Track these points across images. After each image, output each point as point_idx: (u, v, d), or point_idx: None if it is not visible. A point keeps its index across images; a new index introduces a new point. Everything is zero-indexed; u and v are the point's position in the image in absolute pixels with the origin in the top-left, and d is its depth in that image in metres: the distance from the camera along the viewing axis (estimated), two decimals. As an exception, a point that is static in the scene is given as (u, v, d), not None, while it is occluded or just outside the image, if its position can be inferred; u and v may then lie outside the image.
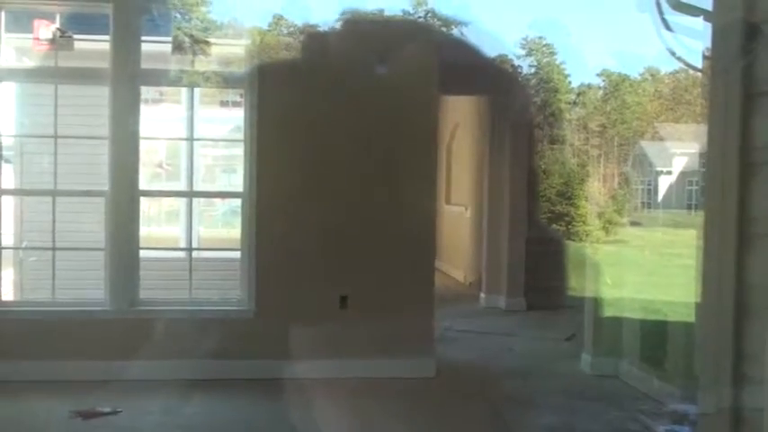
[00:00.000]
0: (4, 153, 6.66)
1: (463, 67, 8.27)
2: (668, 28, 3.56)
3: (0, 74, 6.20)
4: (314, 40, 6.50)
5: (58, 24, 6.63)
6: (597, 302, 6.90)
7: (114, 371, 6.10)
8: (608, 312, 6.85)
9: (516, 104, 9.93)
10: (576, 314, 7.57)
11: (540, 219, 10.03)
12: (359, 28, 6.72)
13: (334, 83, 6.39)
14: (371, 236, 6.50)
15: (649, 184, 23.60)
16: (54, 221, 6.36)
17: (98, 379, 6.05)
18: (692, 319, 5.60)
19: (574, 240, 11.10)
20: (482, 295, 10.37)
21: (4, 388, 5.82)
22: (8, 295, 7.66)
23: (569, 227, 12.38)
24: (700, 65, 5.41)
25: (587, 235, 12.54)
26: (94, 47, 6.86)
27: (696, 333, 4.89)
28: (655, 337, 6.34)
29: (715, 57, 3.02)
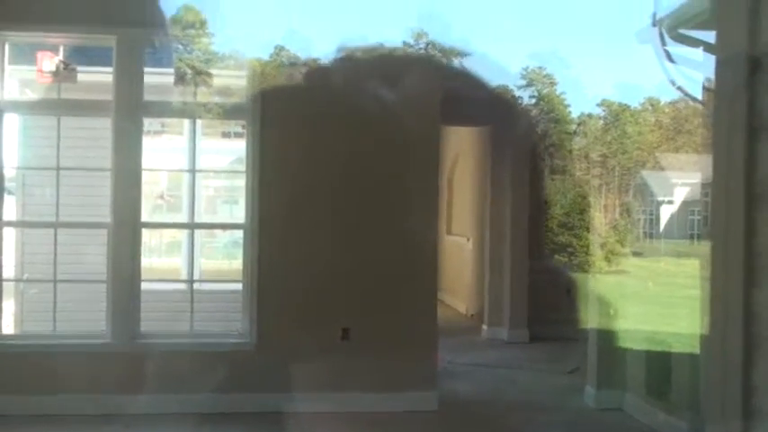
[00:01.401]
0: (6, 185, 6.67)
1: (465, 98, 8.30)
2: (670, 59, 3.58)
3: (3, 106, 6.21)
4: (316, 74, 6.52)
5: (61, 57, 6.67)
6: (601, 334, 6.84)
7: (115, 405, 6.05)
8: (612, 344, 6.80)
9: (517, 135, 9.95)
10: (579, 346, 7.51)
11: (543, 249, 9.99)
12: (361, 61, 6.75)
13: (335, 114, 6.41)
14: (373, 267, 6.47)
15: (651, 214, 23.59)
16: (55, 253, 6.34)
17: (99, 413, 6.00)
18: (697, 350, 5.56)
19: (576, 271, 11.04)
20: (484, 327, 10.31)
21: (5, 422, 5.76)
22: (8, 328, 7.61)
23: (571, 257, 12.34)
24: (699, 94, 5.44)
25: (590, 265, 12.50)
26: (97, 79, 6.88)
27: (702, 365, 4.85)
28: (660, 370, 6.28)
29: (718, 89, 3.02)
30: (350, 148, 6.45)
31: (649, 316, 9.14)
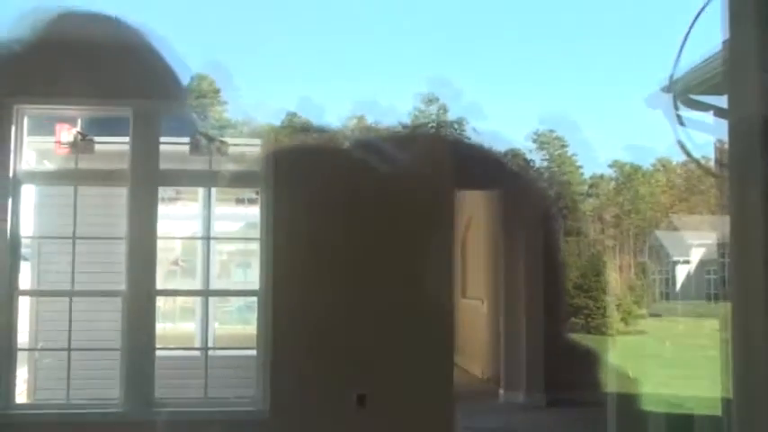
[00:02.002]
0: (23, 252, 6.72)
1: (477, 162, 8.36)
2: (682, 123, 3.60)
3: (21, 177, 6.30)
4: (330, 143, 6.61)
5: (79, 128, 6.78)
6: (620, 398, 6.75)
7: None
8: (631, 408, 6.69)
9: (530, 198, 9.98)
10: (598, 410, 7.39)
11: (559, 312, 9.93)
12: (374, 143, 6.82)
13: (349, 180, 6.46)
14: (389, 332, 6.43)
15: (667, 274, 23.40)
16: (70, 321, 6.34)
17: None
18: (718, 412, 5.46)
19: (593, 333, 10.93)
20: (501, 391, 10.18)
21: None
22: (22, 396, 7.58)
23: (588, 320, 12.23)
24: (711, 155, 5.45)
25: (607, 327, 12.36)
26: (114, 148, 6.99)
27: (725, 428, 4.75)
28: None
29: (732, 154, 3.03)
30: (364, 213, 6.48)
31: (669, 378, 9.02)
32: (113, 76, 6.33)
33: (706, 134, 4.69)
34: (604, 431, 6.95)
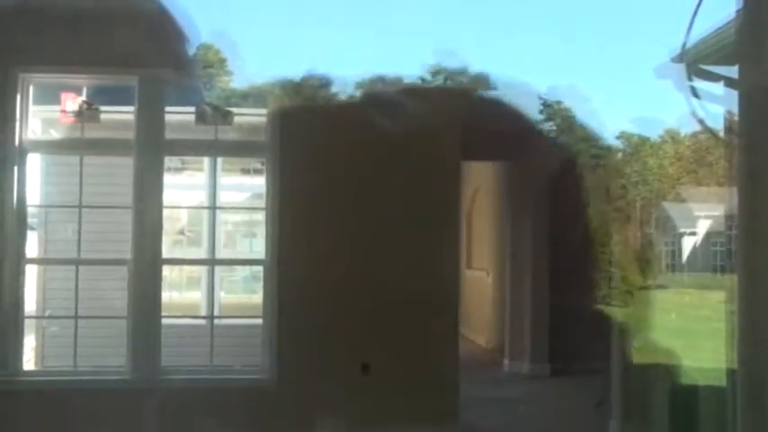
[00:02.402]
0: (29, 221, 6.73)
1: (487, 131, 8.31)
2: (696, 95, 3.56)
3: (28, 146, 6.29)
4: (335, 108, 6.56)
5: (84, 97, 6.76)
6: (625, 368, 6.76)
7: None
8: (636, 378, 6.71)
9: (538, 169, 9.93)
10: (602, 380, 7.42)
11: (564, 283, 9.92)
12: (385, 96, 6.76)
13: (354, 150, 6.44)
14: (394, 301, 6.45)
15: (673, 246, 23.32)
16: (77, 289, 6.38)
17: (118, 450, 5.99)
18: (722, 383, 5.47)
19: (598, 304, 10.92)
20: (505, 361, 10.22)
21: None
22: (29, 364, 7.64)
23: (593, 291, 12.22)
24: (720, 126, 5.42)
25: (612, 298, 12.37)
26: (120, 117, 6.97)
27: (729, 400, 4.77)
28: (685, 404, 6.18)
29: (742, 125, 3.01)
30: (369, 183, 6.47)
31: (675, 349, 9.02)
32: (119, 44, 6.28)
33: (716, 105, 4.67)
34: (609, 400, 6.98)
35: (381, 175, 6.47)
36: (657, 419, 6.46)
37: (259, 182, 6.78)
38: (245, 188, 11.28)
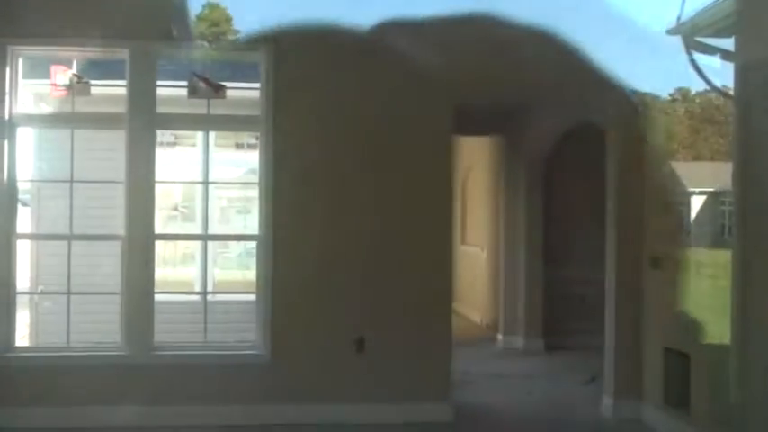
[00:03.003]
0: (21, 197, 6.69)
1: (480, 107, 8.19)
2: (696, 68, 3.54)
3: (18, 119, 6.24)
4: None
5: (74, 70, 6.69)
6: (617, 343, 6.75)
7: (129, 416, 6.04)
8: (630, 352, 6.70)
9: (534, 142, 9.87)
10: (596, 355, 7.44)
11: (559, 258, 9.91)
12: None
13: (348, 125, 6.40)
14: (388, 278, 6.44)
15: (681, 205, 23.21)
16: (69, 265, 6.35)
17: (112, 425, 6.00)
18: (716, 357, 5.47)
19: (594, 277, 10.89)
20: (499, 336, 10.24)
21: (18, 435, 5.76)
22: (23, 340, 7.63)
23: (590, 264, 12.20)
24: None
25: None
26: (111, 92, 6.90)
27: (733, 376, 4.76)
28: (678, 378, 6.19)
29: (739, 96, 2.99)
30: (363, 158, 6.43)
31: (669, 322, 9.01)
32: (109, 16, 6.21)
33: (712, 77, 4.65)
34: (602, 375, 7.01)
35: (375, 149, 6.44)
36: (650, 394, 6.47)
37: (254, 157, 6.72)
38: (240, 164, 11.22)
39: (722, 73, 4.78)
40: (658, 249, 6.41)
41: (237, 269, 11.93)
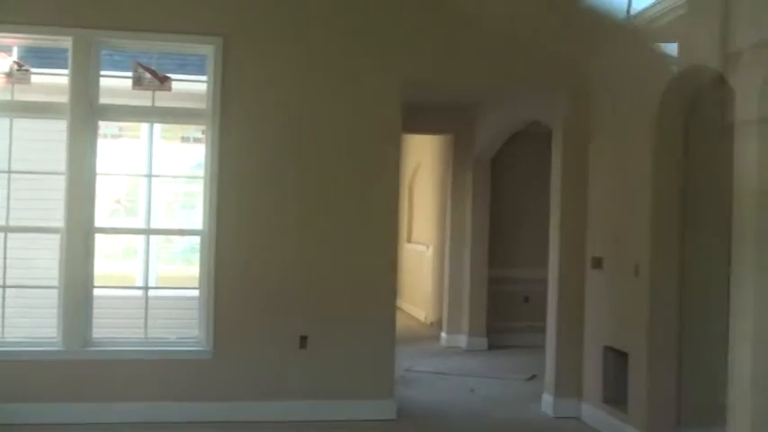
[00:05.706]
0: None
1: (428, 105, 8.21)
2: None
3: (-47, 107, 6.05)
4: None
5: (15, 57, 6.51)
6: (558, 342, 6.85)
7: (65, 414, 5.92)
8: (569, 351, 6.80)
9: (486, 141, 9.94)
10: (538, 354, 7.54)
11: (503, 257, 10.03)
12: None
13: (295, 121, 6.37)
14: (332, 274, 6.43)
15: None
16: (5, 258, 6.20)
17: (48, 422, 5.87)
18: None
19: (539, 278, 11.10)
20: (443, 335, 10.31)
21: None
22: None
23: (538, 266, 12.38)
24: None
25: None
26: (53, 81, 6.75)
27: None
28: (615, 376, 6.30)
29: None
30: (309, 155, 6.41)
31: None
32: (53, 2, 6.08)
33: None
34: (543, 374, 7.10)
35: (322, 144, 6.42)
36: (588, 392, 6.58)
37: (200, 152, 6.63)
38: (187, 157, 11.06)
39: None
40: (599, 250, 6.51)
41: (182, 264, 11.79)
